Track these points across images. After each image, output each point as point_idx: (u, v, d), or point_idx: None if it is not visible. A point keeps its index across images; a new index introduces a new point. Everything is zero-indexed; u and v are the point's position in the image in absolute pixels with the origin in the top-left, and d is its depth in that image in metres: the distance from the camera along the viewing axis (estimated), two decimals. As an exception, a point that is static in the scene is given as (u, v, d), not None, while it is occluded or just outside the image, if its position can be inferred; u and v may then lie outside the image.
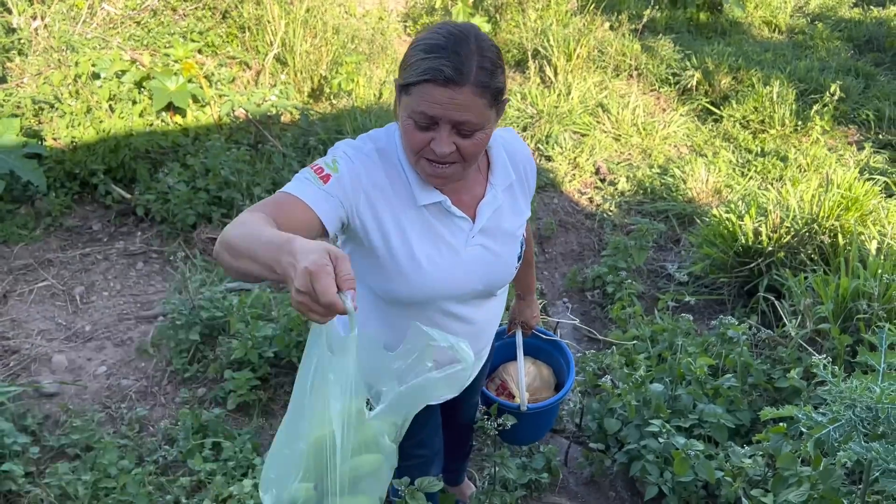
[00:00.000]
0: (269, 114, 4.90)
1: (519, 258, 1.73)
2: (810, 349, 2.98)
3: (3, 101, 4.59)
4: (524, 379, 2.35)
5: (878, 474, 1.91)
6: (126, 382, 3.32)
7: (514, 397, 2.43)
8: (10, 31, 5.49)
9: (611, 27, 6.94)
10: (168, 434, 2.93)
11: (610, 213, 4.87)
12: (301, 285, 1.02)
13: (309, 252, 1.05)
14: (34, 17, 5.46)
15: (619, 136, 5.74)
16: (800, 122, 5.82)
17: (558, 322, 3.87)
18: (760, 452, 2.41)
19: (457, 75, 1.34)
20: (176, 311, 3.36)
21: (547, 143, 5.52)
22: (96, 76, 4.60)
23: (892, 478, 1.77)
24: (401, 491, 1.94)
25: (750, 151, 5.62)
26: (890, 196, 4.50)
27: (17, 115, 4.49)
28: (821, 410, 1.98)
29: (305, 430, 1.20)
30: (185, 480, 2.56)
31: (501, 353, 2.57)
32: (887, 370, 1.98)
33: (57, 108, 4.61)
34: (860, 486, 2.07)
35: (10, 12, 5.61)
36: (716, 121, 6.09)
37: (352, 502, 1.24)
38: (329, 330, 1.15)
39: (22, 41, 5.20)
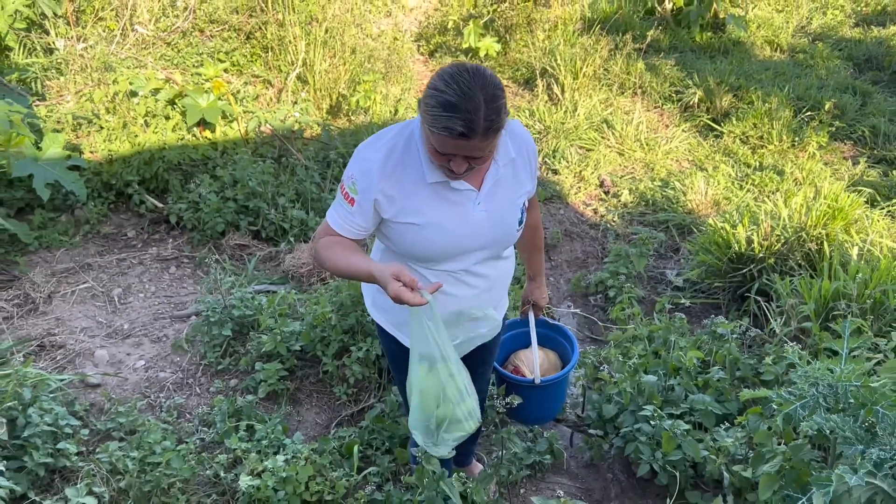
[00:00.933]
0: (292, 129, 5.22)
1: (520, 223, 2.07)
2: (793, 345, 3.23)
3: (46, 117, 4.93)
4: (538, 357, 2.61)
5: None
6: (163, 375, 3.61)
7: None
8: (48, 51, 5.87)
9: (616, 47, 7.24)
10: (204, 419, 3.22)
11: (613, 224, 5.14)
12: (395, 300, 1.77)
13: (386, 281, 1.78)
14: (70, 38, 5.82)
15: (623, 150, 6.02)
16: (797, 138, 6.09)
17: (558, 319, 4.13)
18: (742, 433, 2.67)
19: (468, 131, 1.70)
20: (209, 309, 3.65)
21: (554, 157, 5.81)
22: (133, 94, 4.93)
23: (849, 444, 2.02)
24: (418, 457, 2.22)
25: (749, 166, 5.88)
26: (875, 206, 4.75)
27: (58, 131, 4.83)
28: (790, 390, 2.24)
29: (418, 377, 1.99)
30: (222, 457, 2.84)
31: (513, 342, 2.84)
32: (849, 356, 2.24)
33: (95, 124, 4.95)
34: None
35: (47, 34, 5.98)
36: (717, 136, 6.35)
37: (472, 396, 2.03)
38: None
39: (60, 61, 5.56)
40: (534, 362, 2.59)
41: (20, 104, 4.43)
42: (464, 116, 1.68)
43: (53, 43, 5.82)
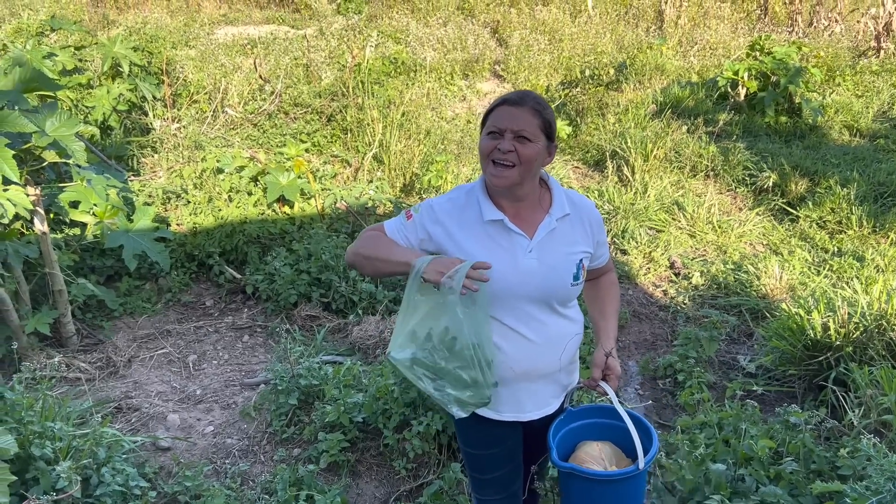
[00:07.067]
0: (366, 206, 5.41)
1: (575, 278, 2.10)
2: (871, 437, 3.07)
3: (139, 191, 5.27)
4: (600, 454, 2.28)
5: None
6: (230, 441, 3.70)
7: None
8: (145, 131, 6.31)
9: (688, 130, 7.27)
10: (266, 487, 3.27)
11: (683, 306, 5.06)
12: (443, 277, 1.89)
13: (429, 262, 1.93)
14: (165, 119, 6.26)
15: (695, 232, 5.96)
16: (878, 224, 5.91)
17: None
18: (816, 530, 2.53)
19: (519, 100, 2.01)
20: (278, 377, 3.75)
21: (623, 237, 5.80)
22: (220, 171, 5.24)
23: (929, 546, 1.90)
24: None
25: (826, 251, 5.73)
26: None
27: (149, 204, 5.15)
28: (865, 484, 2.14)
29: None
30: (281, 526, 2.87)
31: (573, 435, 2.39)
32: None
33: (183, 198, 5.26)
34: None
35: (146, 115, 6.45)
36: (792, 221, 6.23)
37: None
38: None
39: (155, 140, 5.98)
40: (634, 441, 2.08)
41: (117, 179, 4.76)
42: (516, 93, 2.05)
43: (151, 123, 6.27)
